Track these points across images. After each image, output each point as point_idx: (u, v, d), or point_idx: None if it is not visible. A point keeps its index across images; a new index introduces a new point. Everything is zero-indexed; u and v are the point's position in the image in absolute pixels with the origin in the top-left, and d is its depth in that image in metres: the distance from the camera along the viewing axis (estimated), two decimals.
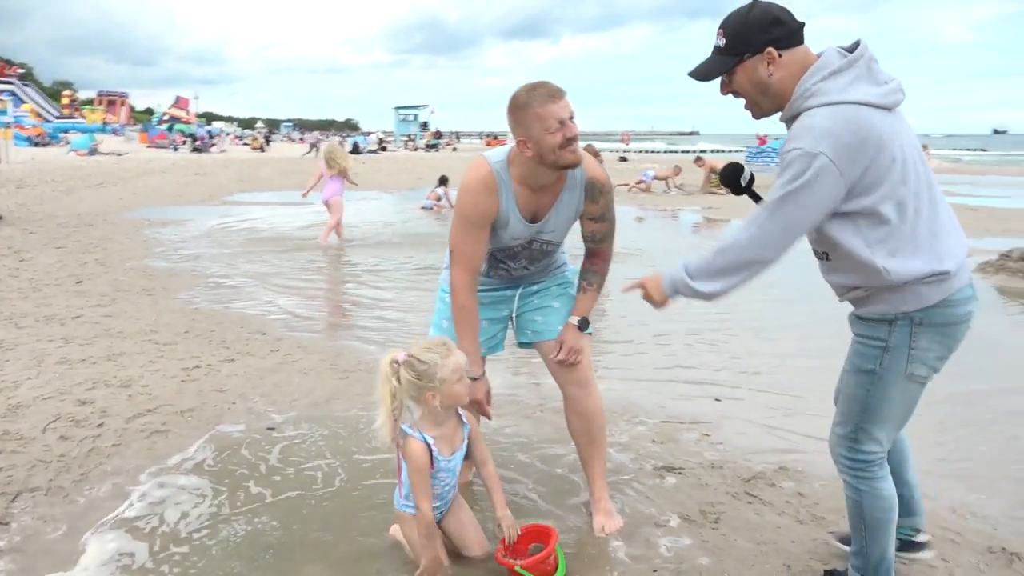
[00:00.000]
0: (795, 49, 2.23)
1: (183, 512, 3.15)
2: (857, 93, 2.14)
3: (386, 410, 2.55)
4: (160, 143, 43.84)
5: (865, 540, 2.46)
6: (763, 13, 2.21)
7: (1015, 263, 8.37)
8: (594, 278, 3.06)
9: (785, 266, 2.47)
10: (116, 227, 12.00)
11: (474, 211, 2.85)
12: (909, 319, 2.22)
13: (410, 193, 19.98)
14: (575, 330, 3.05)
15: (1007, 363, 5.42)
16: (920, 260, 2.17)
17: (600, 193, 2.92)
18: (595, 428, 3.15)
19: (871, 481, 2.39)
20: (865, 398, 2.33)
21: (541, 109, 2.65)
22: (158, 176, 22.71)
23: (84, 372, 4.81)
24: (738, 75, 2.27)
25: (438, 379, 2.52)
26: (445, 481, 2.68)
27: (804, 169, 2.09)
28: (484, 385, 2.99)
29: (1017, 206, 16.69)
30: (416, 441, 2.56)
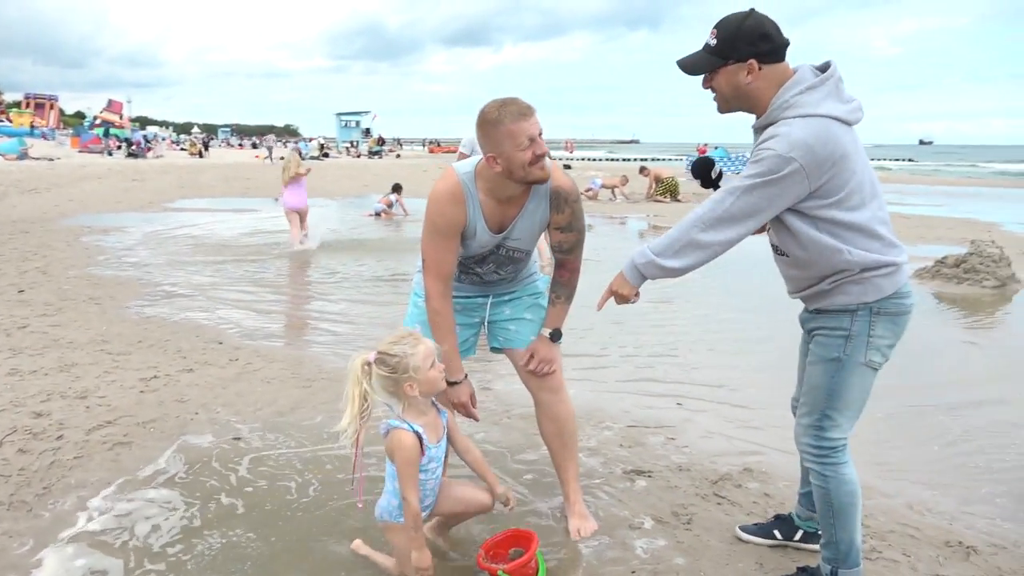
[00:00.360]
0: (776, 64, 2.41)
1: (154, 525, 3.10)
2: (828, 108, 2.35)
3: (353, 411, 2.55)
4: (93, 147, 42.55)
5: (834, 528, 2.58)
6: (755, 26, 2.38)
7: (950, 269, 8.73)
8: (562, 290, 3.09)
9: (744, 277, 2.59)
10: (54, 234, 11.64)
11: (442, 220, 2.88)
12: (868, 308, 2.42)
13: (357, 200, 19.82)
14: (547, 341, 3.09)
15: (951, 366, 5.66)
16: (879, 244, 2.39)
17: (566, 202, 2.94)
18: (567, 432, 3.20)
19: (837, 467, 2.54)
20: (829, 385, 2.50)
21: (513, 126, 2.68)
22: (94, 182, 22.07)
23: (37, 384, 4.67)
24: (720, 76, 2.46)
25: (412, 368, 2.53)
26: (434, 471, 2.67)
27: (777, 168, 2.29)
28: (468, 388, 3.00)
29: (946, 214, 17.38)
30: (406, 432, 2.55)
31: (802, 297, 2.61)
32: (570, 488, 3.22)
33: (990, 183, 32.46)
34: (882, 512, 3.33)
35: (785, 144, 2.28)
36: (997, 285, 8.36)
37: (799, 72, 2.41)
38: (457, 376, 2.95)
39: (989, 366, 5.67)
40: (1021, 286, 8.53)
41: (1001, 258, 8.60)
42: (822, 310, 2.52)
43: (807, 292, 2.55)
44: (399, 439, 2.54)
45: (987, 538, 3.16)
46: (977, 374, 5.46)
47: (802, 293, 2.58)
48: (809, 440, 2.57)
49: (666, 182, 20.48)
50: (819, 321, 2.54)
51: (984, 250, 8.65)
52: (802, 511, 3.01)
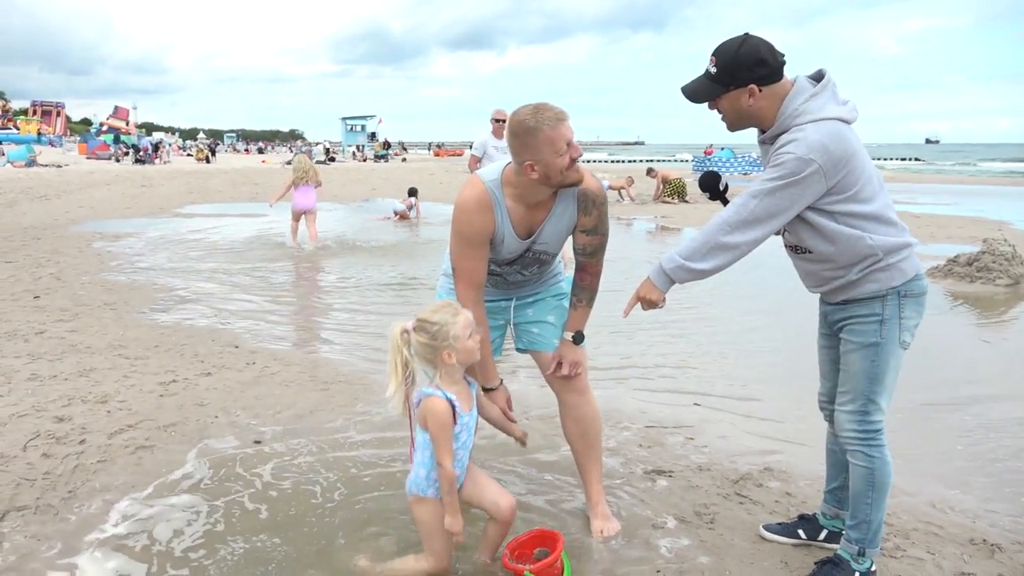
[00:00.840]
0: (775, 84, 2.54)
1: (178, 530, 3.11)
2: (832, 111, 2.50)
3: (397, 380, 2.61)
4: (101, 154, 42.74)
5: (871, 508, 2.67)
6: (751, 52, 2.50)
7: (962, 268, 8.71)
8: (583, 294, 3.09)
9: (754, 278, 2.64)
10: (66, 240, 11.70)
11: (470, 229, 2.88)
12: (896, 292, 2.56)
13: (365, 204, 19.88)
14: (571, 345, 3.10)
15: (966, 364, 5.65)
16: (894, 229, 2.55)
17: (593, 205, 2.94)
18: (592, 433, 3.21)
19: (881, 448, 2.64)
20: (870, 370, 2.59)
21: (552, 132, 2.68)
22: (103, 188, 22.17)
23: (57, 388, 4.70)
24: (723, 101, 2.61)
25: (452, 337, 2.56)
26: (464, 441, 2.68)
27: (798, 171, 2.43)
28: (504, 392, 3.03)
29: (956, 213, 17.34)
30: (439, 399, 2.57)
31: (827, 291, 2.68)
32: (593, 489, 3.23)
33: (998, 182, 32.35)
34: (905, 511, 3.33)
35: (803, 147, 2.42)
36: (1010, 283, 8.34)
37: (797, 83, 2.55)
38: (493, 382, 2.97)
39: (1004, 364, 5.66)
40: None
41: (1014, 256, 8.58)
42: (851, 300, 2.63)
43: (834, 285, 2.63)
44: (433, 405, 2.56)
45: (1011, 536, 3.15)
46: (992, 371, 5.45)
47: (827, 287, 2.66)
48: (854, 426, 2.65)
49: (673, 183, 20.46)
50: (849, 311, 2.64)
51: (996, 248, 8.63)
52: (828, 509, 3.02)
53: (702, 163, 37.64)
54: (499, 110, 9.26)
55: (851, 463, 2.69)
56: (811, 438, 3.97)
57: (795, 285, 2.79)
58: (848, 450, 2.68)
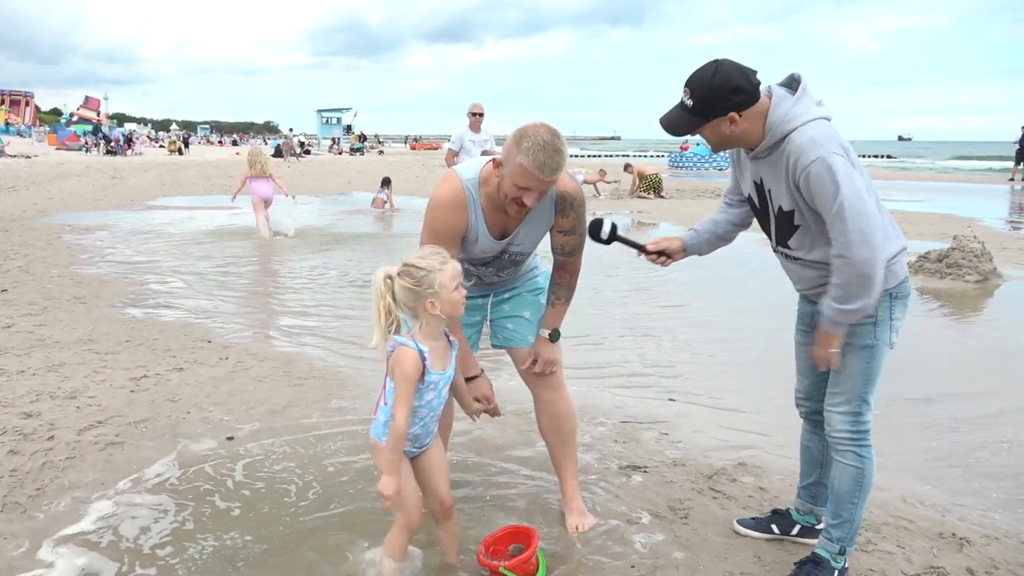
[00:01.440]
0: (754, 106, 2.47)
1: (148, 527, 3.08)
2: (815, 112, 2.47)
3: (381, 328, 2.52)
4: (71, 145, 42.08)
5: (856, 508, 2.68)
6: (724, 82, 2.43)
7: (933, 264, 8.82)
8: (562, 292, 3.08)
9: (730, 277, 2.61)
10: (35, 233, 11.51)
11: (443, 226, 2.85)
12: (888, 294, 2.55)
13: (340, 197, 19.74)
14: (547, 343, 3.10)
15: (935, 360, 5.71)
16: (893, 241, 2.53)
17: (571, 207, 2.92)
18: (567, 429, 3.22)
19: (871, 448, 2.67)
20: (866, 370, 2.59)
21: (527, 168, 2.61)
22: (73, 179, 21.82)
23: (25, 384, 4.62)
24: (704, 130, 2.55)
25: (438, 284, 2.47)
26: (430, 401, 2.59)
27: (839, 167, 2.34)
28: (486, 380, 2.98)
29: (926, 210, 17.55)
30: (409, 349, 2.48)
31: (820, 292, 2.62)
32: (568, 485, 3.23)
33: (968, 179, 32.78)
34: (876, 505, 3.36)
35: (820, 149, 2.36)
36: (979, 279, 8.46)
37: (775, 92, 2.51)
38: (474, 371, 2.95)
39: (974, 359, 5.74)
40: (1003, 280, 8.64)
41: (983, 253, 8.70)
42: None
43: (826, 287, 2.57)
44: (401, 354, 2.47)
45: (980, 529, 3.20)
46: (962, 367, 5.52)
47: (821, 288, 2.60)
48: (847, 427, 2.65)
49: (649, 178, 20.52)
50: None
51: (966, 245, 8.75)
52: (802, 504, 3.04)
53: (678, 158, 37.86)
54: (476, 103, 9.23)
55: (840, 463, 2.68)
56: (784, 434, 4.01)
57: (769, 282, 2.80)
58: (839, 450, 2.67)
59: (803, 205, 2.48)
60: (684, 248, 2.94)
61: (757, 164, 2.59)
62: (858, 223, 2.34)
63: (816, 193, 2.38)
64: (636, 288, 8.17)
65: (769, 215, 2.64)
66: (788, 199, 2.52)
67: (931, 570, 2.86)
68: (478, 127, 9.23)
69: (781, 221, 2.59)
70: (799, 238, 2.58)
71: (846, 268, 2.40)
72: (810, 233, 2.53)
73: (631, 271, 8.82)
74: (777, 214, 2.60)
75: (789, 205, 2.53)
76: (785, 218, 2.57)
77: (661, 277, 8.77)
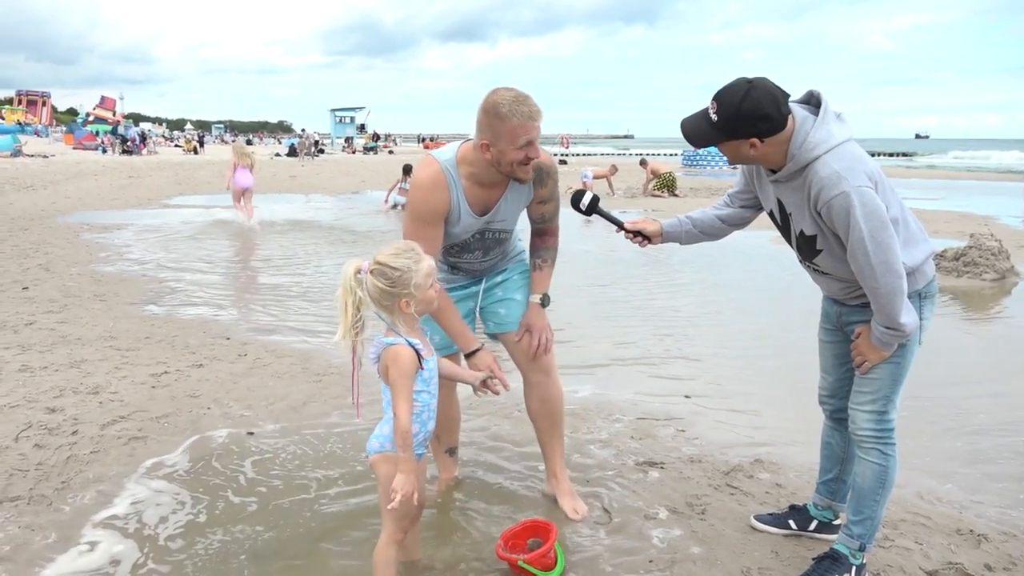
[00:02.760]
0: (779, 133, 2.43)
1: (171, 520, 3.12)
2: (840, 133, 2.44)
3: (346, 322, 2.41)
4: (88, 144, 42.43)
5: (878, 506, 2.70)
6: (753, 109, 2.37)
7: (950, 262, 8.79)
8: (547, 254, 3.17)
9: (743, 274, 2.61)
10: (54, 231, 11.63)
11: (425, 208, 2.90)
12: (918, 294, 2.58)
13: (355, 197, 19.83)
14: (539, 310, 3.15)
15: (952, 358, 5.69)
16: (920, 246, 2.56)
17: (547, 175, 3.01)
18: (556, 413, 3.29)
19: (895, 446, 2.69)
20: (895, 371, 2.61)
21: (519, 127, 2.69)
22: (90, 179, 22.01)
23: (48, 380, 4.69)
24: (724, 147, 2.52)
25: (413, 285, 2.40)
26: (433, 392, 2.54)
27: (863, 201, 2.33)
28: (488, 354, 2.96)
29: (944, 208, 17.46)
30: (402, 347, 2.40)
31: (850, 298, 2.65)
32: (557, 467, 3.32)
33: (985, 177, 32.56)
34: (894, 502, 3.35)
35: (845, 182, 2.33)
36: (997, 278, 8.42)
37: (796, 116, 2.45)
38: (475, 345, 2.97)
39: (990, 358, 5.72)
40: (1020, 279, 8.59)
41: (1000, 251, 8.66)
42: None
43: (857, 294, 2.60)
44: (395, 353, 2.39)
45: (997, 526, 3.20)
46: (979, 366, 5.51)
47: (850, 295, 2.64)
48: (872, 426, 2.66)
49: (663, 177, 20.49)
50: (869, 314, 2.56)
51: (983, 243, 8.71)
52: (820, 500, 3.05)
53: (691, 157, 37.76)
54: None
55: (864, 461, 2.69)
56: (801, 431, 4.02)
57: (789, 280, 2.80)
58: (863, 448, 2.68)
59: (827, 231, 2.48)
60: (662, 232, 2.95)
61: (778, 186, 2.58)
62: (881, 255, 2.35)
63: (839, 225, 2.39)
64: (654, 286, 8.18)
65: (791, 236, 2.65)
66: (811, 225, 2.51)
67: (949, 566, 2.87)
68: None
69: (803, 243, 2.60)
70: (823, 259, 2.58)
71: (875, 296, 2.43)
72: (834, 255, 2.53)
73: (648, 270, 8.83)
74: (799, 236, 2.60)
75: (811, 230, 2.53)
76: (808, 241, 2.57)
77: (677, 275, 8.78)
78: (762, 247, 10.01)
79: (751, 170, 2.77)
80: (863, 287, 2.46)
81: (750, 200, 2.86)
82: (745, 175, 2.82)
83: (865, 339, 2.58)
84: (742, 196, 2.89)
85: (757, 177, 2.73)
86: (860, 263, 2.39)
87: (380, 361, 2.44)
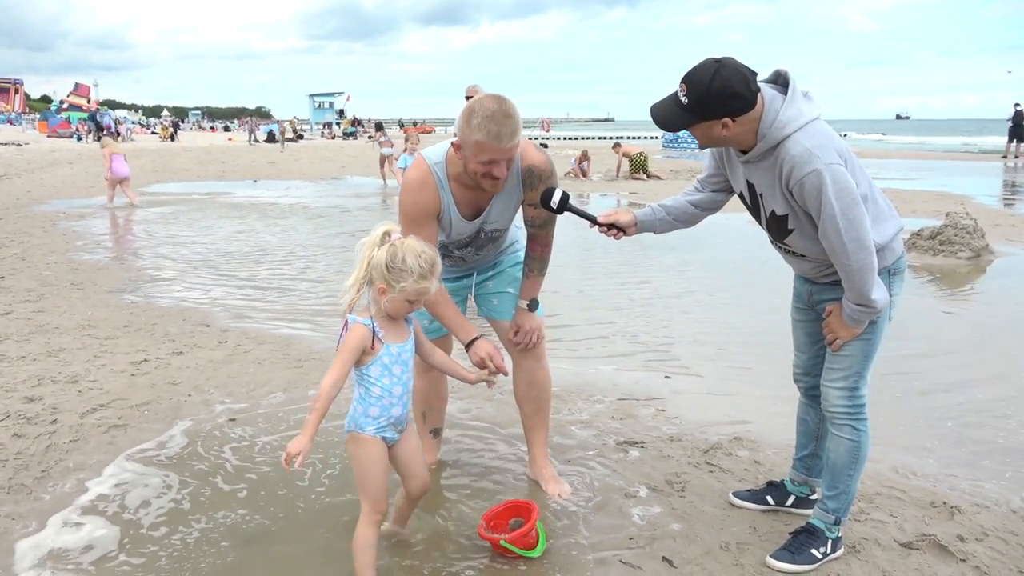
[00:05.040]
0: (749, 112, 2.44)
1: (155, 508, 3.11)
2: (809, 112, 2.46)
3: (357, 275, 2.44)
4: (62, 132, 41.88)
5: (852, 480, 2.74)
6: (723, 87, 2.37)
7: (926, 241, 8.88)
8: (535, 264, 3.15)
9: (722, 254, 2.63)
10: (29, 220, 11.50)
11: (415, 208, 2.91)
12: (888, 271, 2.59)
13: (334, 183, 19.71)
14: (527, 313, 3.17)
15: (928, 335, 5.77)
16: (889, 223, 2.58)
17: (539, 179, 2.95)
18: (543, 398, 3.33)
19: (866, 422, 2.72)
20: (866, 347, 2.64)
21: (484, 142, 2.65)
22: (66, 167, 21.76)
23: (26, 369, 4.65)
24: (695, 129, 2.51)
25: (400, 287, 2.40)
26: (400, 378, 2.53)
27: (835, 179, 2.35)
28: (487, 342, 2.95)
29: (920, 187, 17.60)
30: (359, 324, 2.44)
31: (821, 276, 2.68)
32: (539, 451, 3.36)
33: (961, 157, 32.82)
34: (869, 476, 3.41)
35: (815, 160, 2.35)
36: (972, 256, 8.52)
37: (765, 95, 2.46)
38: (473, 334, 2.95)
39: (965, 334, 5.80)
40: (995, 257, 8.71)
41: (975, 230, 8.76)
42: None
43: (828, 272, 2.62)
44: (351, 328, 2.44)
45: (970, 498, 3.26)
46: (954, 342, 5.59)
47: (822, 274, 2.66)
48: (844, 402, 2.69)
49: (634, 159, 20.45)
50: (839, 292, 2.59)
51: (959, 222, 8.80)
52: (797, 476, 3.10)
53: (672, 141, 37.82)
54: (471, 86, 9.09)
55: (836, 437, 2.72)
56: (778, 409, 4.06)
57: (763, 260, 2.83)
58: (836, 424, 2.72)
59: (799, 210, 2.49)
60: (636, 223, 2.91)
61: (748, 167, 2.59)
62: (852, 232, 2.38)
63: (811, 204, 2.41)
64: (632, 266, 8.22)
65: (762, 217, 2.67)
66: (782, 204, 2.53)
67: (923, 538, 2.92)
68: None
69: (774, 223, 2.61)
70: (795, 239, 2.59)
71: (847, 273, 2.45)
72: (806, 234, 2.55)
73: (627, 252, 8.85)
74: (769, 217, 2.61)
75: (783, 210, 2.54)
76: (779, 221, 2.58)
77: (656, 256, 8.82)
78: (738, 228, 10.05)
79: (720, 153, 2.77)
80: (835, 264, 2.49)
81: (721, 183, 2.87)
82: (715, 158, 2.83)
83: (836, 317, 2.61)
84: (712, 180, 2.90)
85: (727, 159, 2.74)
86: (832, 241, 2.42)
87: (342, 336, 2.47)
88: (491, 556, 2.79)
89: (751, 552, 2.83)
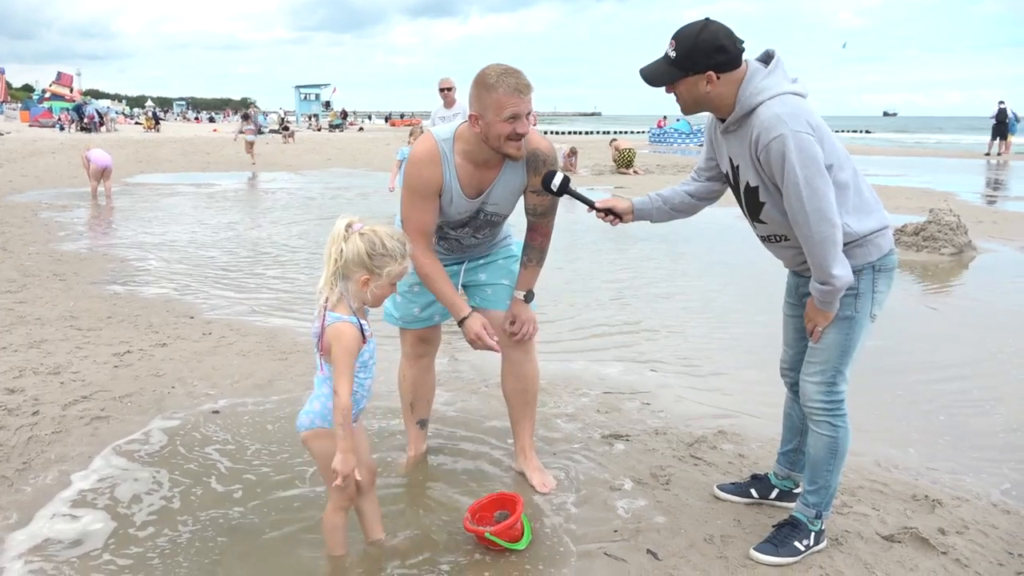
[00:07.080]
0: (733, 71, 2.51)
1: (139, 500, 3.09)
2: (787, 86, 2.51)
3: (328, 275, 2.42)
4: (44, 121, 41.44)
5: (831, 475, 2.75)
6: (711, 38, 2.47)
7: (909, 237, 8.95)
8: (533, 254, 3.16)
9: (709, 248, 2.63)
10: (10, 210, 11.39)
11: (419, 181, 2.94)
12: (871, 267, 2.60)
13: (321, 175, 19.61)
14: (523, 304, 3.18)
15: (911, 330, 5.82)
16: (873, 216, 2.58)
17: (543, 164, 2.99)
18: (531, 390, 3.34)
19: (845, 417, 2.72)
20: (844, 342, 2.63)
21: (503, 97, 2.73)
22: (48, 157, 21.54)
23: (7, 360, 4.61)
24: (681, 86, 2.56)
25: (386, 272, 2.41)
26: (371, 371, 2.55)
27: (800, 145, 2.37)
28: (479, 318, 2.99)
29: (904, 184, 17.72)
30: (348, 324, 2.41)
31: (804, 268, 2.66)
32: (526, 443, 3.36)
33: (946, 154, 33.06)
34: (852, 469, 3.44)
35: (784, 125, 2.38)
36: (955, 252, 8.60)
37: (750, 65, 2.54)
38: (465, 311, 2.99)
39: (948, 329, 5.85)
40: (977, 253, 8.79)
41: (958, 226, 8.83)
42: None
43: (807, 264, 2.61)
44: (339, 330, 2.39)
45: (951, 492, 3.29)
46: (936, 337, 5.63)
47: (803, 264, 2.64)
48: (821, 397, 2.69)
49: (622, 153, 20.49)
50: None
51: (942, 218, 8.87)
52: (780, 470, 3.12)
53: (658, 135, 37.90)
54: (444, 79, 9.00)
55: (815, 432, 2.73)
56: (763, 403, 4.09)
57: (753, 255, 2.84)
58: (814, 420, 2.73)
59: (767, 180, 2.51)
60: (633, 211, 2.96)
61: (728, 140, 2.63)
62: (815, 202, 2.38)
63: (775, 169, 2.43)
64: (620, 259, 8.23)
65: (740, 194, 2.68)
66: (753, 174, 2.55)
67: (904, 531, 2.95)
68: (451, 102, 9.11)
69: (749, 197, 2.63)
70: (767, 212, 2.61)
71: (809, 245, 2.46)
72: (776, 207, 2.55)
73: (612, 244, 8.87)
74: (745, 190, 2.63)
75: (755, 181, 2.56)
76: (752, 194, 2.60)
77: (645, 249, 8.84)
78: (727, 223, 10.09)
79: (711, 133, 2.80)
80: (799, 237, 2.49)
81: (716, 173, 2.89)
82: (707, 140, 2.87)
83: (812, 304, 2.63)
84: (708, 170, 2.92)
85: (715, 139, 2.76)
86: (794, 209, 2.43)
87: (325, 336, 2.43)
88: (476, 548, 2.78)
89: (735, 545, 2.85)
